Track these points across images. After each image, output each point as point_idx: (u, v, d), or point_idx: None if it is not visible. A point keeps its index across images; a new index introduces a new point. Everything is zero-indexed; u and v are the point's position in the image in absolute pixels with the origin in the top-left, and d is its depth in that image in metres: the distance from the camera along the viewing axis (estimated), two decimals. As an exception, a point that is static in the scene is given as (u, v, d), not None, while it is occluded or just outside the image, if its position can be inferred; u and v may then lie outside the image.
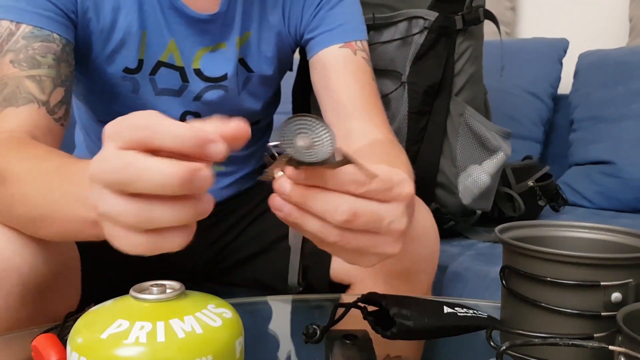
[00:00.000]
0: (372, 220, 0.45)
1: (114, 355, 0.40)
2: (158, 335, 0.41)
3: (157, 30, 0.82)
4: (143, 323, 0.41)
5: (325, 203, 0.43)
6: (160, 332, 0.41)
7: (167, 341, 0.41)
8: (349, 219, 0.43)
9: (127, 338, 0.40)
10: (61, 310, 0.77)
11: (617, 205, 1.49)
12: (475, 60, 1.18)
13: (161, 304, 0.44)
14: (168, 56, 0.84)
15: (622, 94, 1.54)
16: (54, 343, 0.53)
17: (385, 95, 1.16)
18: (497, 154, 1.16)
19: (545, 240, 0.60)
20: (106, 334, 0.41)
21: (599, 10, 1.90)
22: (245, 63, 0.89)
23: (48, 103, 0.73)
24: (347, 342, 0.57)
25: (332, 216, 0.43)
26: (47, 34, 0.74)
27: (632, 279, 0.50)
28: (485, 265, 1.06)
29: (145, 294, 0.44)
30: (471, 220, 1.25)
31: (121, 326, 0.41)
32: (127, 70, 0.83)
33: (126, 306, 0.44)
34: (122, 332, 0.41)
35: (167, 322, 0.42)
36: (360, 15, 0.92)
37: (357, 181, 0.43)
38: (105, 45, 0.81)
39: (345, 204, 0.43)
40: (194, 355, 0.41)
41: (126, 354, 0.40)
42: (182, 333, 0.41)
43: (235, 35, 0.86)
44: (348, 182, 0.43)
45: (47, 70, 0.74)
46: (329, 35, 0.88)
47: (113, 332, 0.41)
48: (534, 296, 0.53)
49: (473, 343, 0.64)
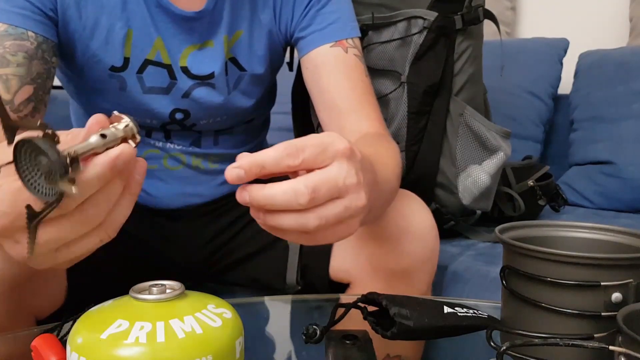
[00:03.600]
0: (330, 186, 0.47)
1: (114, 356, 0.40)
2: (158, 336, 0.41)
3: (143, 28, 0.82)
4: (143, 323, 0.41)
5: (283, 195, 0.45)
6: (160, 333, 0.41)
7: (167, 341, 0.41)
8: (312, 196, 0.45)
9: (127, 338, 0.40)
10: (45, 307, 0.77)
11: (617, 205, 1.49)
12: (475, 60, 1.18)
13: (161, 304, 0.44)
14: (155, 54, 0.84)
15: (623, 94, 1.54)
16: (54, 343, 0.53)
17: (385, 95, 1.16)
18: (497, 153, 1.16)
19: (546, 240, 0.60)
20: (106, 334, 0.41)
21: (600, 10, 1.90)
22: (237, 62, 0.89)
23: (12, 102, 0.74)
24: (347, 342, 0.57)
25: (297, 201, 0.45)
26: (21, 32, 0.75)
27: (633, 279, 0.50)
28: (486, 265, 1.06)
29: (145, 294, 0.44)
30: (471, 220, 1.25)
31: (121, 326, 0.41)
32: (113, 69, 0.83)
33: (126, 306, 0.44)
34: (122, 333, 0.41)
35: (167, 323, 0.42)
36: (351, 12, 0.92)
37: (291, 154, 0.46)
38: (89, 43, 0.81)
39: (300, 185, 0.45)
40: (194, 356, 0.41)
41: (126, 354, 0.40)
42: (182, 333, 0.41)
43: (223, 33, 0.86)
44: (283, 159, 0.46)
45: (15, 68, 0.74)
46: (320, 34, 0.88)
47: (113, 333, 0.41)
48: (534, 296, 0.53)
49: (473, 343, 0.64)
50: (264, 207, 0.46)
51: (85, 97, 0.90)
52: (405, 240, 0.79)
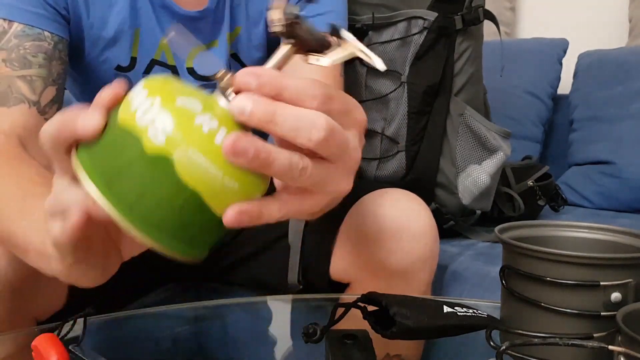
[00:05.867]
0: (342, 142, 0.38)
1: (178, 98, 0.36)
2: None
3: (149, 28, 0.82)
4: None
5: (298, 119, 0.36)
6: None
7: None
8: (326, 137, 0.36)
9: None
10: (45, 309, 0.77)
11: (617, 205, 1.49)
12: (475, 60, 1.18)
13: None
14: (160, 55, 0.84)
15: (622, 94, 1.54)
16: (54, 343, 0.53)
17: (385, 95, 1.16)
18: (497, 153, 1.16)
19: (545, 240, 0.60)
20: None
21: (599, 10, 1.90)
22: (239, 58, 0.89)
23: (39, 103, 0.74)
24: (347, 342, 0.57)
25: (308, 134, 0.36)
26: (38, 32, 0.75)
27: (632, 279, 0.50)
28: (485, 265, 1.06)
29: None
30: (471, 220, 1.25)
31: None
32: (119, 68, 0.83)
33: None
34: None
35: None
36: (345, 11, 0.92)
37: (318, 96, 0.37)
38: (97, 42, 0.81)
39: (322, 119, 0.36)
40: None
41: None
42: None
43: (226, 31, 0.86)
44: (308, 93, 0.36)
45: (38, 69, 0.74)
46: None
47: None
48: (533, 296, 0.53)
49: (473, 343, 0.64)
50: (262, 121, 0.36)
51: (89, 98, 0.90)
52: (405, 240, 0.80)
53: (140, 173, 0.36)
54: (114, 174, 0.37)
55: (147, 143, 0.36)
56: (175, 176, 0.36)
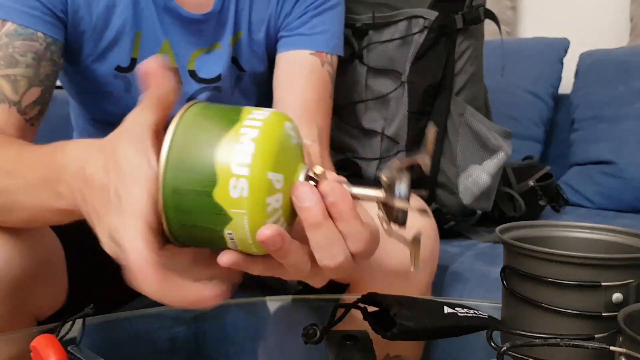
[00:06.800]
0: (348, 269, 0.46)
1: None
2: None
3: (151, 30, 0.82)
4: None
5: (330, 245, 0.44)
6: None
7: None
8: (336, 267, 0.44)
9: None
10: (45, 308, 0.77)
11: (618, 206, 1.48)
12: (476, 59, 1.18)
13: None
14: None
15: (623, 94, 1.54)
16: (53, 344, 0.53)
17: (385, 95, 1.16)
18: (498, 153, 1.16)
19: (546, 241, 0.60)
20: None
21: (600, 9, 1.89)
22: (238, 62, 0.89)
23: (19, 103, 0.74)
24: (347, 342, 0.57)
25: (329, 262, 0.44)
26: (30, 32, 0.74)
27: (633, 279, 0.50)
28: (486, 266, 1.06)
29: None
30: (471, 220, 1.25)
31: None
32: (118, 69, 0.83)
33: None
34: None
35: None
36: (340, 31, 0.94)
37: (365, 248, 0.46)
38: (98, 43, 0.81)
39: (342, 255, 0.44)
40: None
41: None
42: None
43: (229, 34, 0.86)
44: (350, 216, 0.45)
45: (25, 69, 0.74)
46: (305, 39, 0.89)
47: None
48: (534, 296, 0.53)
49: (473, 343, 0.64)
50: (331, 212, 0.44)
51: (87, 99, 0.90)
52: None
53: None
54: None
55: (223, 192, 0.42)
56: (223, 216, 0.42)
